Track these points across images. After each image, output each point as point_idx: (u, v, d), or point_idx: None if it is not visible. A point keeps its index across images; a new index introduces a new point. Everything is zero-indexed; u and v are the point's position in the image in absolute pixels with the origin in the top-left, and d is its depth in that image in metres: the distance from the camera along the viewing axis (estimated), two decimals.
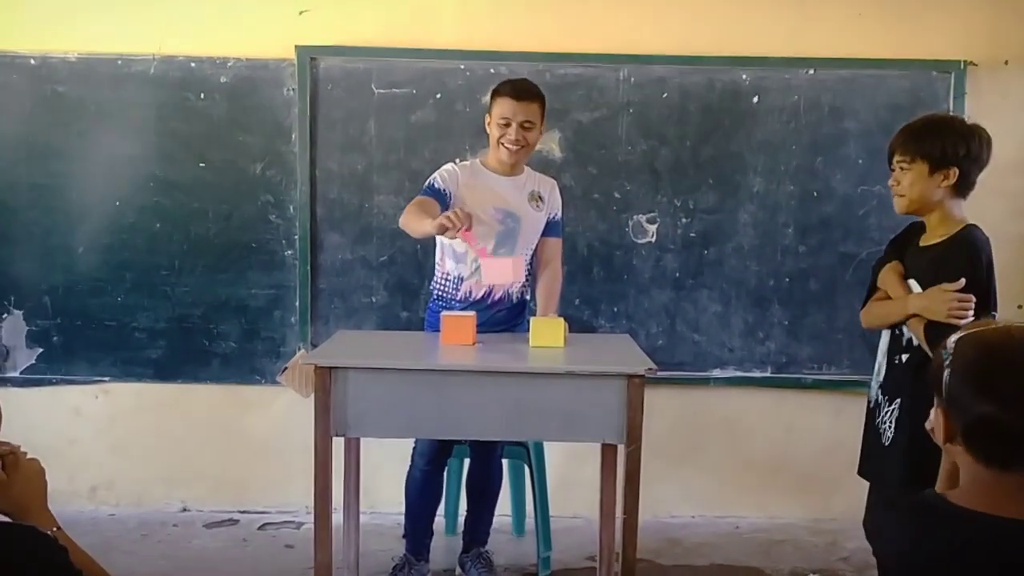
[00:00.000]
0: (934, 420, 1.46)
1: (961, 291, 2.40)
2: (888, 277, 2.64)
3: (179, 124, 3.84)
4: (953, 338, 1.42)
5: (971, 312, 2.38)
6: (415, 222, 2.93)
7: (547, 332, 2.81)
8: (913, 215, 2.63)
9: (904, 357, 2.55)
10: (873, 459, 2.65)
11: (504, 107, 3.03)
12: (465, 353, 2.75)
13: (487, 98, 3.19)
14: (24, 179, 3.85)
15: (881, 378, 2.64)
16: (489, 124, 3.11)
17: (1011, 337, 1.38)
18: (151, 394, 3.97)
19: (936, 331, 2.37)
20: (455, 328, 2.81)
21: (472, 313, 2.90)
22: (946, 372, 1.40)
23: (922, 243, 2.61)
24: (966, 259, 2.45)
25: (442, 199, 3.07)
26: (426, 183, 3.12)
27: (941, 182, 2.50)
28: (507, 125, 3.03)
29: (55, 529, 1.53)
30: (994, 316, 2.42)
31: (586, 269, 3.90)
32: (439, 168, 3.15)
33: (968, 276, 2.41)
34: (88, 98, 3.82)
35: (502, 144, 3.06)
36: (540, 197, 3.17)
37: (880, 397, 2.63)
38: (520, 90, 3.05)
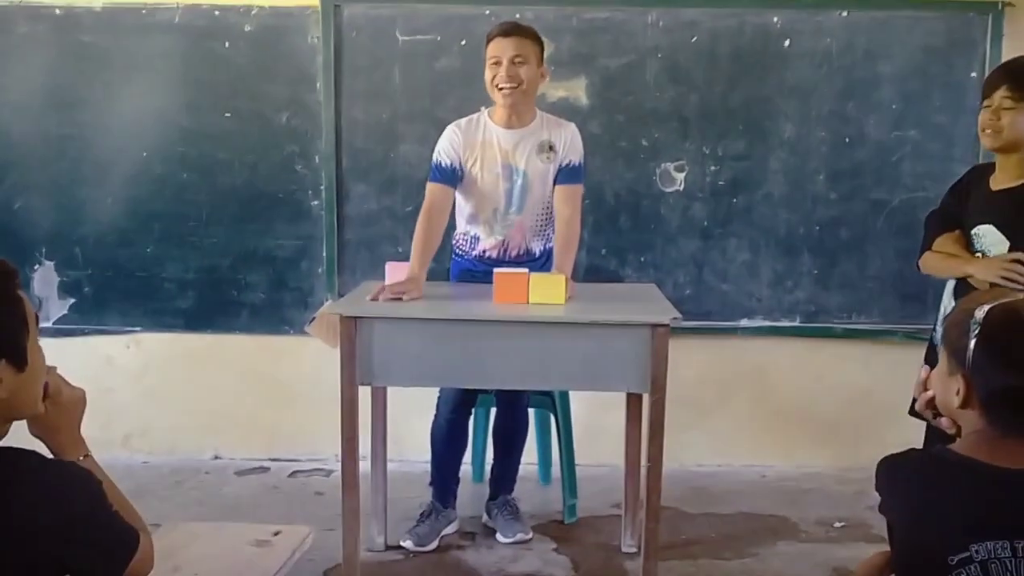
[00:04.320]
0: (943, 384, 1.50)
1: None
2: (947, 244, 2.67)
3: (204, 73, 3.83)
4: (984, 308, 1.43)
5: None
6: (415, 242, 2.98)
7: (547, 289, 2.72)
8: (998, 153, 2.61)
9: None
10: None
11: (493, 47, 2.94)
12: (490, 304, 2.73)
13: None
14: (51, 130, 3.86)
15: None
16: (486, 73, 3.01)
17: None
18: (182, 344, 4.01)
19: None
20: (508, 286, 2.72)
21: (524, 270, 2.79)
22: (972, 340, 1.42)
23: (995, 186, 2.59)
24: None
25: (451, 178, 3.03)
26: (433, 162, 3.05)
27: None
28: (497, 64, 2.93)
29: (83, 457, 1.56)
30: None
31: (613, 218, 3.87)
32: (452, 125, 3.08)
33: None
34: (113, 48, 3.82)
35: (496, 86, 2.95)
36: (551, 147, 3.05)
37: None
38: (508, 27, 2.97)
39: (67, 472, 1.39)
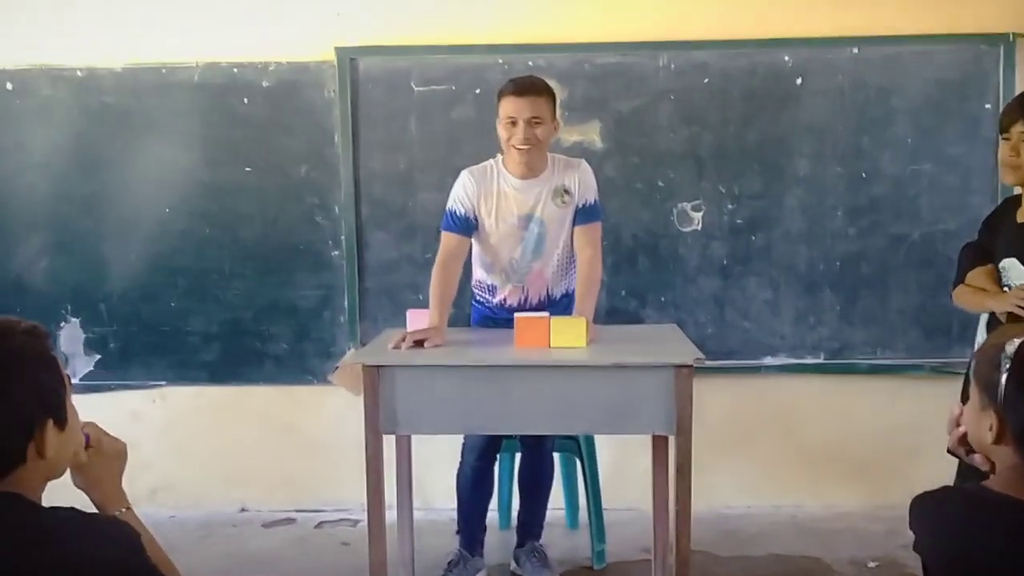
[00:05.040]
0: (976, 419, 1.48)
1: None
2: (978, 278, 2.67)
3: (223, 129, 3.89)
4: (1015, 343, 1.42)
5: None
6: (432, 293, 2.98)
7: (568, 332, 2.71)
8: (1019, 186, 2.61)
9: None
10: None
11: (508, 106, 2.92)
12: (513, 349, 2.73)
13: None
14: (76, 189, 3.93)
15: None
16: (498, 128, 3.00)
17: None
18: (207, 397, 4.04)
19: (1018, 321, 2.42)
20: (529, 330, 2.72)
21: (546, 314, 2.77)
22: (1003, 375, 1.40)
23: (1020, 219, 2.58)
24: None
25: (466, 227, 3.03)
26: (448, 210, 3.06)
27: None
28: (513, 124, 2.91)
29: (124, 509, 1.57)
30: None
31: (631, 259, 3.87)
32: (465, 172, 3.09)
33: None
34: (134, 107, 3.89)
35: (512, 146, 2.94)
36: (566, 190, 3.03)
37: None
38: (523, 86, 2.93)
39: (105, 526, 1.40)
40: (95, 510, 1.56)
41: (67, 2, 3.87)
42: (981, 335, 2.67)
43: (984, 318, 2.69)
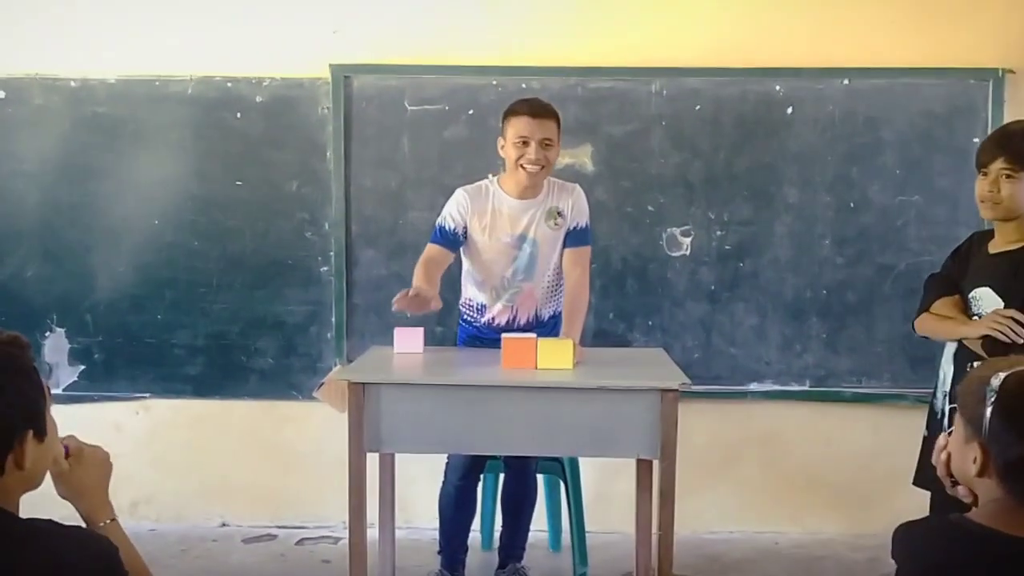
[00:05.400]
0: (960, 452, 1.48)
1: None
2: (945, 307, 2.68)
3: (216, 143, 3.89)
4: (1000, 376, 1.42)
5: (1019, 332, 2.43)
6: (415, 277, 2.99)
7: (555, 354, 2.71)
8: (998, 222, 2.62)
9: (976, 365, 2.53)
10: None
11: (521, 126, 2.95)
12: (499, 369, 2.73)
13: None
14: (65, 199, 3.92)
15: (947, 388, 2.62)
16: (503, 147, 3.04)
17: None
18: (190, 410, 4.02)
19: (993, 344, 2.43)
20: (516, 351, 2.72)
21: (532, 335, 2.78)
22: (988, 408, 1.40)
23: (993, 250, 2.61)
24: None
25: (453, 243, 3.06)
26: (437, 224, 3.09)
27: None
28: (526, 144, 2.95)
29: (109, 521, 1.56)
30: None
31: (620, 283, 3.89)
32: (460, 190, 3.12)
33: None
34: (127, 119, 3.89)
35: (521, 166, 2.97)
36: (559, 213, 3.08)
37: (947, 406, 2.59)
38: (537, 108, 2.98)
39: (83, 538, 1.39)
40: (81, 522, 1.55)
41: (62, 12, 3.88)
42: (947, 365, 2.67)
43: (950, 349, 2.68)
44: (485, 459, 3.26)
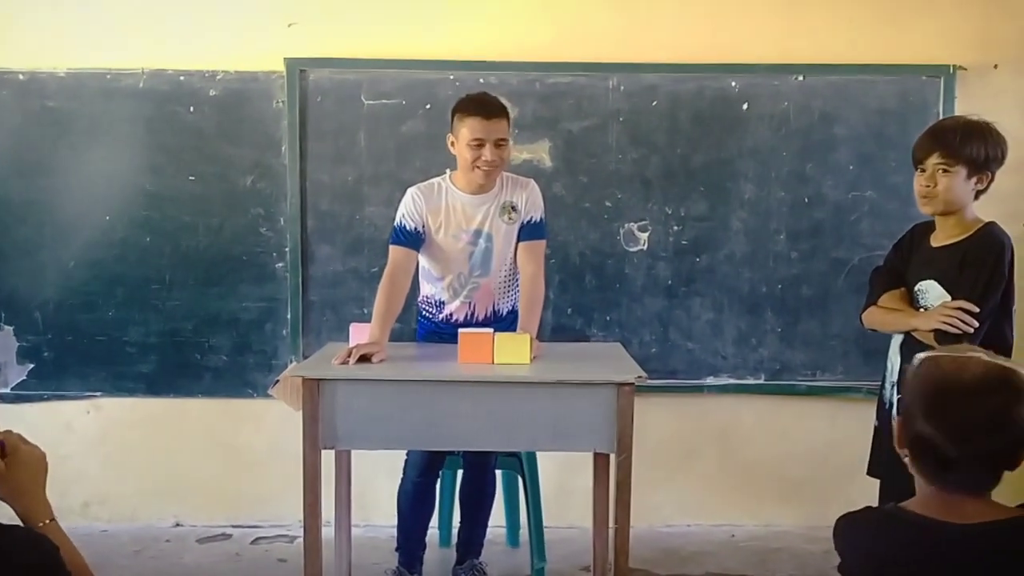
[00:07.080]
0: (897, 431, 1.54)
1: (982, 290, 2.49)
2: (892, 300, 2.72)
3: (169, 137, 3.84)
4: (920, 356, 1.50)
5: (968, 322, 2.47)
6: (376, 306, 2.95)
7: (512, 348, 2.71)
8: (938, 216, 2.65)
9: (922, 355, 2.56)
10: (888, 460, 2.64)
11: (475, 127, 2.92)
12: (456, 364, 2.72)
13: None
14: (14, 194, 3.84)
15: (895, 378, 2.65)
16: (454, 145, 3.01)
17: (964, 370, 1.44)
18: (143, 408, 3.95)
19: (944, 336, 2.47)
20: (473, 346, 2.72)
21: (489, 330, 2.78)
22: (905, 387, 1.50)
23: (935, 243, 2.64)
24: (995, 254, 2.52)
25: (415, 241, 3.04)
26: (396, 224, 3.06)
27: (975, 185, 2.54)
28: (480, 146, 2.93)
29: (47, 521, 1.53)
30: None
31: (578, 278, 3.89)
32: (413, 188, 3.10)
33: (994, 270, 2.50)
34: (78, 113, 3.81)
35: (477, 167, 2.96)
36: (513, 207, 3.07)
37: (895, 396, 2.62)
38: (489, 108, 2.95)
39: (22, 537, 1.36)
40: (18, 522, 1.52)
41: (11, 2, 3.80)
42: (895, 356, 2.72)
43: (896, 341, 2.73)
44: (444, 455, 3.25)
